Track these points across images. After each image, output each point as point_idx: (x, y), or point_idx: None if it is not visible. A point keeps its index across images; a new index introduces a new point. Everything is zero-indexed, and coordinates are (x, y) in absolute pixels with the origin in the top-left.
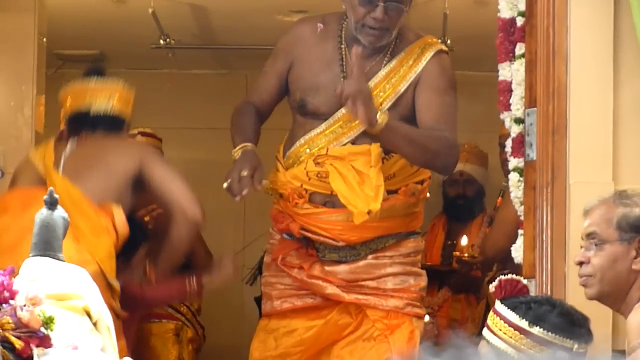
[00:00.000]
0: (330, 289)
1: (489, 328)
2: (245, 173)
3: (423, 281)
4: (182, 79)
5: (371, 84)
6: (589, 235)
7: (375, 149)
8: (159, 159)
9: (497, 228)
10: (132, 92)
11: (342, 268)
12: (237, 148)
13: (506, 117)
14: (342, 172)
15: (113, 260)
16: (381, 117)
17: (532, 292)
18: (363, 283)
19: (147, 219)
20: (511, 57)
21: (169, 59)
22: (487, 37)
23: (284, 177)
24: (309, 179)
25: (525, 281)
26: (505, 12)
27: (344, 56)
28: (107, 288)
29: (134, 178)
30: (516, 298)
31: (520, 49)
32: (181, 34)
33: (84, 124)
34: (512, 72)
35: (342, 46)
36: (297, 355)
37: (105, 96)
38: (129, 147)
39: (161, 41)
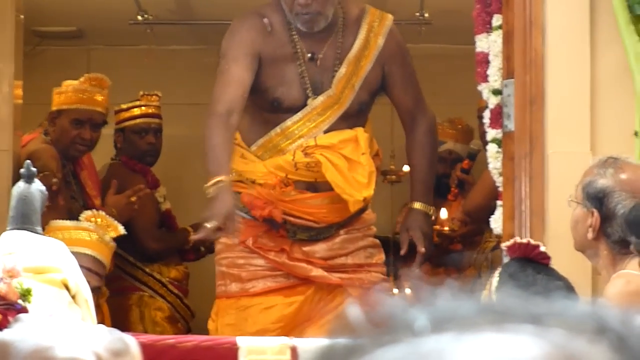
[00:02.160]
0: (315, 272)
1: None
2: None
3: (383, 253)
4: (160, 54)
5: (343, 69)
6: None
7: (362, 134)
8: None
9: (478, 186)
10: None
11: (319, 247)
12: (211, 183)
13: (484, 89)
14: (333, 161)
15: None
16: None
17: None
18: (340, 261)
19: (133, 199)
20: (488, 28)
21: (147, 35)
22: (465, 9)
23: (263, 167)
24: (297, 170)
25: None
26: None
27: (298, 46)
28: None
29: None
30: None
31: (497, 20)
32: (159, 9)
33: None
34: (490, 43)
35: (295, 36)
36: (276, 332)
37: None
38: None
39: (139, 17)
